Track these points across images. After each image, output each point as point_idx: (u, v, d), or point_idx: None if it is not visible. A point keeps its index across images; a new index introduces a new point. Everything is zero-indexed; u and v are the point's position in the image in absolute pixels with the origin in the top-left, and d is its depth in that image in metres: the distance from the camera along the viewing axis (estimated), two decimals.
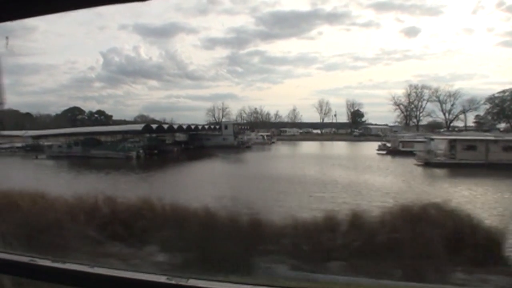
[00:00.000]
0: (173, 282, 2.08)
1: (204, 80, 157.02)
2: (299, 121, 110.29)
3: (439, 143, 47.52)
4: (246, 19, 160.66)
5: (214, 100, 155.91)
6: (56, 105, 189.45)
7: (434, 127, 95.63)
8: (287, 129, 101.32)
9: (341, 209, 14.71)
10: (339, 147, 71.29)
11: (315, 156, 54.11)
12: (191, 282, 2.08)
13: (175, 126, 70.95)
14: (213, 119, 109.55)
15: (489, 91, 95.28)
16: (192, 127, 71.29)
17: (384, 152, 56.74)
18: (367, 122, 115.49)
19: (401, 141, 56.72)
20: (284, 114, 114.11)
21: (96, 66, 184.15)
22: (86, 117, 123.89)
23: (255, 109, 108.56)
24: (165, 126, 68.34)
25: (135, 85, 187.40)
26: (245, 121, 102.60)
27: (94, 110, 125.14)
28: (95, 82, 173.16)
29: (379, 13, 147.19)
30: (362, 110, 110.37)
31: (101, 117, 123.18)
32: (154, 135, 64.87)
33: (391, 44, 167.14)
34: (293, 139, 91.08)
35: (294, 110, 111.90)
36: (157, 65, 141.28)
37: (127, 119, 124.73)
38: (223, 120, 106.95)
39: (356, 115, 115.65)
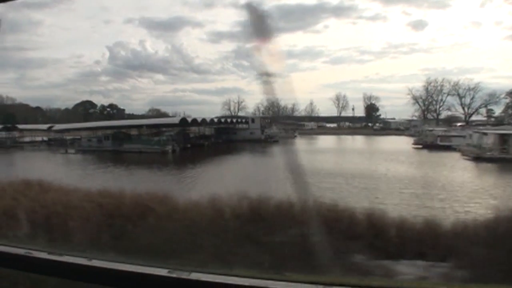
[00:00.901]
0: (174, 275, 2.02)
1: (210, 74, 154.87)
2: (316, 115, 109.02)
3: (482, 137, 46.72)
4: None
5: (220, 94, 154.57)
6: (62, 99, 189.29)
7: (451, 121, 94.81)
8: (305, 123, 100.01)
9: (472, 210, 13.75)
10: (368, 141, 70.31)
11: (354, 151, 52.99)
12: (194, 275, 2.02)
13: (199, 119, 69.55)
14: (229, 112, 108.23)
15: (496, 85, 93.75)
16: (222, 120, 69.81)
17: (420, 146, 55.63)
18: (381, 116, 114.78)
19: (439, 136, 55.66)
20: (300, 107, 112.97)
21: (102, 60, 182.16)
22: (98, 111, 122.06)
23: (273, 102, 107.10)
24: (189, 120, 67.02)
25: (141, 79, 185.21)
26: (262, 115, 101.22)
27: (106, 104, 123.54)
28: (101, 76, 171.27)
29: (386, 6, 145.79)
30: (379, 103, 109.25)
31: (113, 111, 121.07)
32: (180, 128, 63.62)
33: (398, 38, 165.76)
34: (312, 133, 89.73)
35: (311, 103, 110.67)
36: (163, 59, 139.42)
37: (135, 113, 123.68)
38: (239, 113, 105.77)
39: (371, 109, 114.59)
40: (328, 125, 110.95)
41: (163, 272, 2.08)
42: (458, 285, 7.12)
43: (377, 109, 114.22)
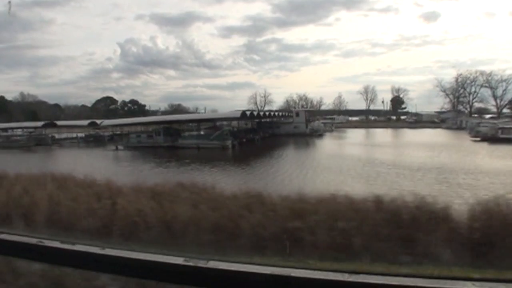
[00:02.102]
0: (191, 263, 2.00)
1: (221, 69, 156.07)
2: (344, 108, 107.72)
3: None
4: (262, 6, 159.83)
5: (231, 89, 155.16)
6: (75, 96, 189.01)
7: (482, 113, 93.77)
8: (335, 116, 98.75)
9: None
10: (412, 135, 68.40)
11: (413, 144, 50.56)
12: (212, 264, 1.98)
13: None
14: (255, 106, 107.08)
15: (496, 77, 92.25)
16: (266, 114, 68.29)
17: (478, 139, 54.40)
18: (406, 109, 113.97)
19: (500, 128, 54.44)
20: (328, 101, 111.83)
21: (114, 57, 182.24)
22: (119, 107, 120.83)
23: (304, 96, 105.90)
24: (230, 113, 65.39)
25: (153, 75, 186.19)
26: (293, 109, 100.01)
27: (127, 100, 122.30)
28: (113, 73, 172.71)
29: None
30: (406, 96, 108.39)
31: (135, 107, 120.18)
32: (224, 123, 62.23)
33: (410, 30, 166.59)
34: (342, 126, 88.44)
35: (340, 97, 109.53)
36: (174, 54, 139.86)
37: (153, 108, 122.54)
38: (265, 107, 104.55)
39: (396, 102, 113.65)
40: (351, 118, 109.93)
41: (179, 260, 2.03)
42: (491, 271, 6.26)
43: (402, 102, 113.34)
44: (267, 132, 64.58)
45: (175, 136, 54.68)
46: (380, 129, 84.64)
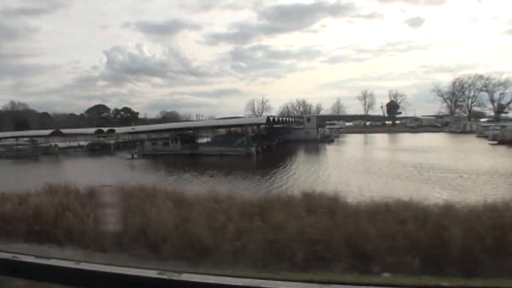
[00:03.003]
0: (165, 277, 1.95)
1: (207, 76, 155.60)
2: (343, 113, 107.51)
3: None
4: (249, 13, 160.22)
5: (218, 96, 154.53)
6: (60, 105, 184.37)
7: (478, 116, 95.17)
8: (335, 122, 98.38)
9: None
10: (422, 139, 68.07)
11: (432, 149, 50.27)
12: (185, 276, 1.95)
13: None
14: (253, 112, 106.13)
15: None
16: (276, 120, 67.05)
17: (495, 142, 54.66)
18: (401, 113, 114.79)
19: None
20: (326, 106, 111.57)
21: (100, 65, 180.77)
22: (112, 115, 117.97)
23: (303, 102, 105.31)
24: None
25: (139, 83, 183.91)
26: (291, 114, 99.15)
27: (119, 108, 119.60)
28: (99, 81, 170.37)
29: (382, 4, 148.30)
30: (404, 101, 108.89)
31: (127, 114, 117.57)
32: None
33: (395, 35, 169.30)
34: (343, 132, 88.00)
35: (338, 102, 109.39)
36: (161, 62, 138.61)
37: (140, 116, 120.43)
38: (264, 114, 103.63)
39: (391, 107, 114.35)
40: (347, 124, 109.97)
41: (152, 274, 1.99)
42: (460, 279, 6.89)
43: (398, 107, 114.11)
44: (279, 138, 63.30)
45: (192, 143, 52.95)
46: (383, 134, 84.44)
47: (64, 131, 64.06)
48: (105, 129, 66.66)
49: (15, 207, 12.00)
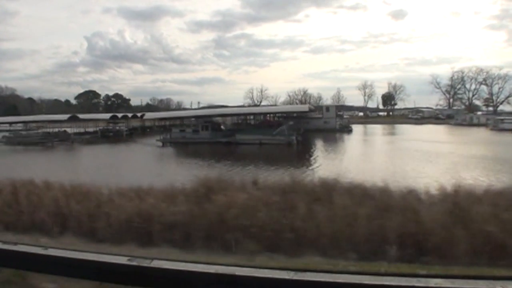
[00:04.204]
0: (135, 263, 1.96)
1: (190, 64, 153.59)
2: (342, 104, 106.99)
3: None
4: (232, 1, 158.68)
5: (200, 84, 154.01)
6: (40, 91, 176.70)
7: (473, 110, 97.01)
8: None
9: None
10: (436, 131, 68.14)
11: (463, 141, 49.99)
12: (155, 263, 1.96)
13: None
14: (251, 101, 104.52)
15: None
16: None
17: None
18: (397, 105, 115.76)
19: None
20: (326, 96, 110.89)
21: (80, 50, 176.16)
22: (102, 101, 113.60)
23: (305, 91, 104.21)
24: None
25: (120, 70, 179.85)
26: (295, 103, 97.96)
27: (110, 94, 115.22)
28: (80, 67, 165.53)
29: None
30: (403, 92, 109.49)
31: (118, 101, 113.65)
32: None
33: (378, 27, 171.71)
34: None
35: (338, 92, 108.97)
36: (143, 49, 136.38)
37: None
38: (263, 102, 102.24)
39: (387, 98, 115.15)
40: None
41: (122, 260, 1.99)
42: (438, 267, 6.90)
43: (393, 98, 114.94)
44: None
45: (220, 131, 51.14)
46: (389, 125, 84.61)
47: (81, 116, 60.49)
48: (119, 115, 63.65)
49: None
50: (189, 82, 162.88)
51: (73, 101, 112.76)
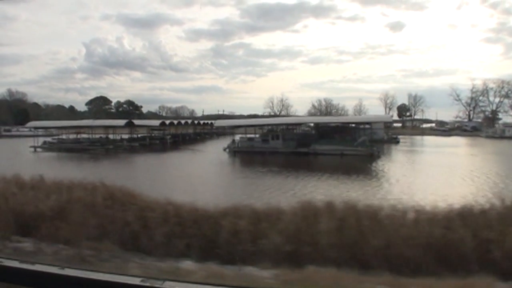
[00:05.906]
0: (148, 284, 1.98)
1: (188, 72, 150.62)
2: (363, 114, 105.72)
3: None
4: (231, 11, 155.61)
5: (198, 93, 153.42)
6: (37, 97, 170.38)
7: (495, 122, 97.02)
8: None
9: None
10: (477, 144, 67.00)
11: None
12: (167, 284, 1.97)
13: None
14: (271, 111, 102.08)
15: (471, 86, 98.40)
16: None
17: None
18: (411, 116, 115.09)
19: None
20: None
21: (79, 57, 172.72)
22: (114, 108, 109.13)
23: (331, 101, 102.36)
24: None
25: (118, 77, 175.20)
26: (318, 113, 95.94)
27: (122, 100, 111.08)
28: (77, 73, 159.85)
29: (364, 7, 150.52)
30: (424, 104, 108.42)
31: (130, 108, 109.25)
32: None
33: (375, 39, 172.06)
34: None
35: (360, 104, 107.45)
36: (141, 56, 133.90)
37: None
38: (282, 112, 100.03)
39: (402, 110, 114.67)
40: None
41: (136, 281, 2.01)
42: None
43: (408, 109, 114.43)
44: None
45: (292, 140, 48.40)
46: (421, 136, 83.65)
47: (136, 122, 57.13)
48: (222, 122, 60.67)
49: None
50: (186, 91, 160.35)
51: (83, 108, 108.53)
